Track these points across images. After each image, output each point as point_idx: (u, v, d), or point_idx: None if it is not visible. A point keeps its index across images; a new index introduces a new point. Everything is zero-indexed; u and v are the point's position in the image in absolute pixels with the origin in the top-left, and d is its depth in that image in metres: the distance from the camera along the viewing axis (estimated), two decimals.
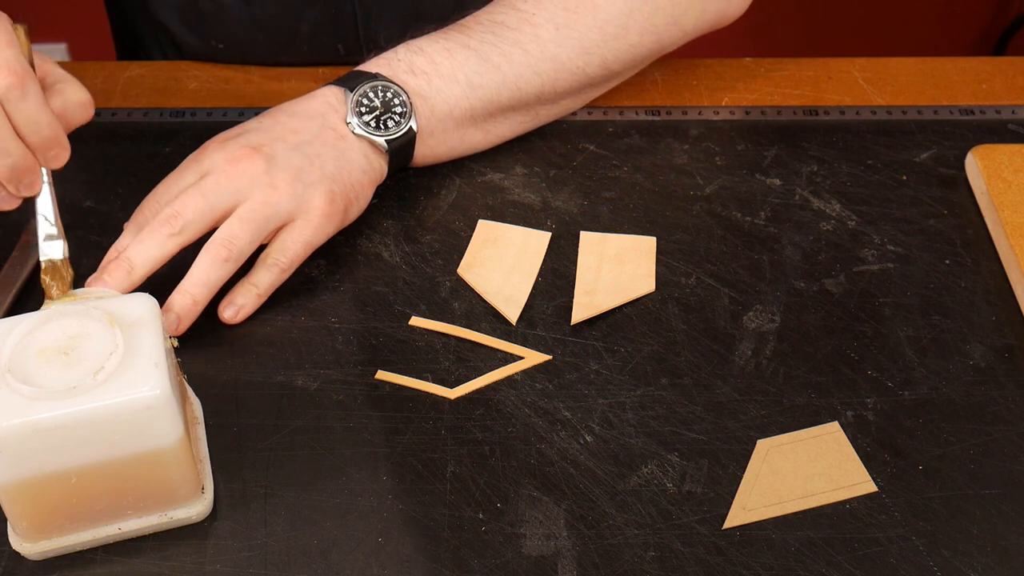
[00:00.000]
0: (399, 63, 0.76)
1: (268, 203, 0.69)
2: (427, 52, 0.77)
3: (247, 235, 0.68)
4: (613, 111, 0.87)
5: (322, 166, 0.71)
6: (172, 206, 0.68)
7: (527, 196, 0.80)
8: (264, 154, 0.70)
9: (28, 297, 0.72)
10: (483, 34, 0.77)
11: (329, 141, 0.72)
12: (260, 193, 0.69)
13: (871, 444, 0.64)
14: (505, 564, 0.59)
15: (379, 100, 0.74)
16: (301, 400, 0.66)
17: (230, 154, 0.69)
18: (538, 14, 0.78)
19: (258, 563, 0.59)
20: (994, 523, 0.61)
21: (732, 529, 0.60)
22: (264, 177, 0.69)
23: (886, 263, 0.75)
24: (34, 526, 0.57)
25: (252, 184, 0.69)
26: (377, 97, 0.74)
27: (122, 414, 0.53)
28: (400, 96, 0.74)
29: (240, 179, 0.68)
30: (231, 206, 0.68)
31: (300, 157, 0.71)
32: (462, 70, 0.76)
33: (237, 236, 0.68)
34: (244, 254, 0.69)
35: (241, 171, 0.69)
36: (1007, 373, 0.68)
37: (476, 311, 0.71)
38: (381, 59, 0.77)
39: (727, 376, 0.68)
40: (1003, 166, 0.79)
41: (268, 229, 0.69)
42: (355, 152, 0.73)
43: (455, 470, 0.63)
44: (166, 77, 0.91)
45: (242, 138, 0.71)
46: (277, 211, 0.69)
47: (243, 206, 0.68)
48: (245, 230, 0.68)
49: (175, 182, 0.70)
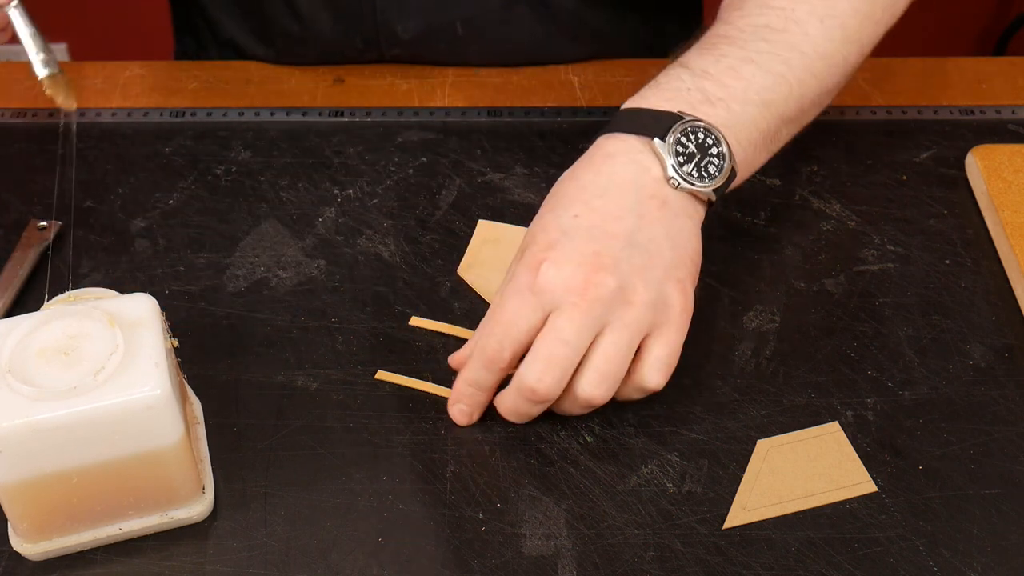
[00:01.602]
0: (690, 93, 0.65)
1: (629, 327, 0.59)
2: (713, 74, 0.66)
3: (617, 369, 0.60)
4: (613, 111, 0.86)
5: (661, 254, 0.61)
6: (531, 373, 0.59)
7: (527, 196, 0.80)
8: (609, 269, 0.59)
9: (28, 297, 0.72)
10: (756, 43, 0.68)
11: (655, 216, 0.62)
12: (619, 321, 0.59)
13: (871, 444, 0.64)
14: (505, 564, 0.59)
15: (693, 144, 0.63)
16: (301, 400, 0.66)
17: (573, 281, 0.59)
18: (797, 8, 0.69)
19: (258, 563, 0.59)
20: (994, 523, 0.61)
21: (732, 529, 0.60)
22: (618, 296, 0.59)
23: (886, 263, 0.75)
24: (34, 526, 0.57)
25: (607, 310, 0.59)
26: (691, 141, 0.63)
27: (122, 414, 0.53)
28: (712, 134, 0.63)
29: (594, 311, 0.59)
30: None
31: (640, 254, 0.60)
32: (752, 88, 0.66)
33: (612, 372, 0.60)
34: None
35: (594, 300, 0.58)
36: (1007, 373, 0.68)
37: (476, 311, 0.71)
38: (663, 90, 0.66)
39: (727, 376, 0.68)
40: (1003, 166, 0.79)
41: (632, 355, 0.61)
42: (681, 218, 0.63)
43: (455, 470, 0.63)
44: (166, 77, 0.91)
45: (569, 246, 0.60)
46: (639, 330, 0.60)
47: (605, 340, 0.59)
48: (611, 367, 0.60)
49: (515, 317, 0.60)
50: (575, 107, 0.87)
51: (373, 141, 0.84)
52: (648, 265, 0.60)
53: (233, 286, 0.73)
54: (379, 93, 0.89)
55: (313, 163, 0.82)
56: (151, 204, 0.79)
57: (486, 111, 0.87)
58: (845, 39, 0.71)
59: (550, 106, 0.87)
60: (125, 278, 0.73)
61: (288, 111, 0.87)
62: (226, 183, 0.80)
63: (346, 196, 0.79)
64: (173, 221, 0.77)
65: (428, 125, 0.86)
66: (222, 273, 0.74)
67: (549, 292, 0.59)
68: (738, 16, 0.70)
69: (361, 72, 0.90)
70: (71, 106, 0.67)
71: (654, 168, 0.63)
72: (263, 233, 0.77)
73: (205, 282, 0.73)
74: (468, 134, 0.85)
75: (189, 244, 0.76)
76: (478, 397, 0.63)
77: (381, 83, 0.89)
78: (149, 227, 0.77)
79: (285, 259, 0.75)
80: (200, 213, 0.78)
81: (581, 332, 0.58)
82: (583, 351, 0.59)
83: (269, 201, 0.79)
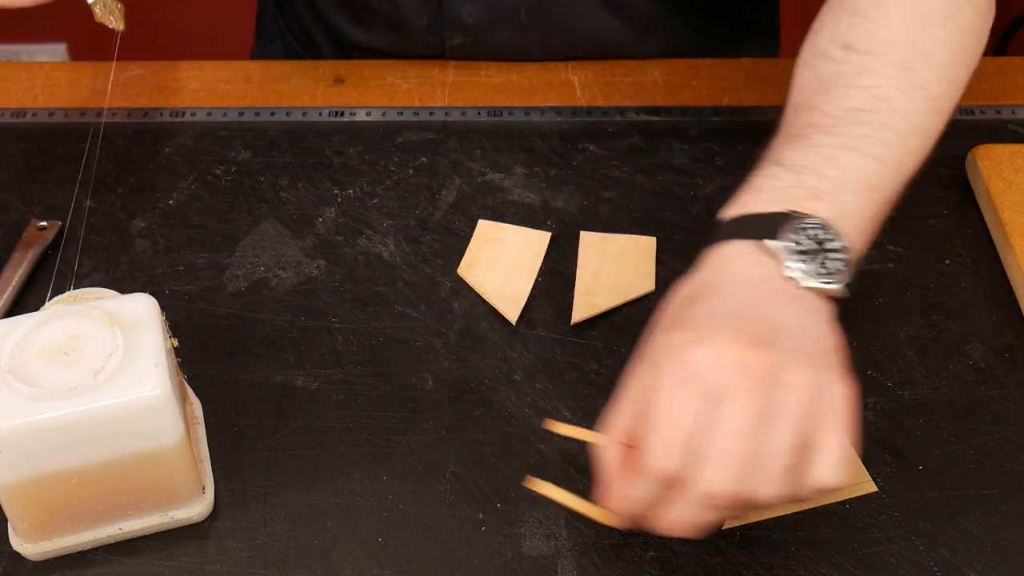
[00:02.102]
0: (792, 190, 0.60)
1: (794, 414, 0.51)
2: (810, 167, 0.61)
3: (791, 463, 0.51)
4: (613, 111, 0.87)
5: (812, 340, 0.55)
6: (708, 482, 0.50)
7: (527, 196, 0.80)
8: (766, 347, 0.52)
9: (28, 297, 0.72)
10: (849, 127, 0.63)
11: (792, 308, 0.56)
12: (783, 409, 0.51)
13: (871, 444, 0.64)
14: (505, 564, 0.59)
15: (810, 241, 0.58)
16: (301, 400, 0.66)
17: (733, 358, 0.52)
18: (883, 86, 0.65)
19: (258, 563, 0.59)
20: (994, 523, 0.61)
21: (732, 529, 0.60)
22: (780, 378, 0.52)
23: (886, 263, 0.75)
24: (35, 526, 0.57)
25: (772, 391, 0.51)
26: (807, 239, 0.58)
27: (123, 414, 0.53)
28: (826, 229, 0.58)
29: (761, 392, 0.51)
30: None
31: (788, 338, 0.54)
32: (855, 177, 0.62)
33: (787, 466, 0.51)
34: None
35: (759, 380, 0.51)
36: (1007, 373, 0.68)
37: (476, 311, 0.71)
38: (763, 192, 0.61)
39: None
40: (1003, 166, 0.79)
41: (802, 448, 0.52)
42: (818, 311, 0.57)
43: (455, 470, 0.63)
44: (166, 77, 0.91)
45: (715, 329, 0.53)
46: (807, 417, 0.52)
47: (779, 430, 0.51)
48: (785, 461, 0.51)
49: (681, 411, 0.51)
50: (575, 107, 0.87)
51: (373, 141, 0.84)
52: (801, 348, 0.53)
53: (233, 286, 0.73)
54: (379, 93, 0.89)
55: (313, 163, 0.82)
56: (151, 204, 0.79)
57: (486, 111, 0.87)
58: (934, 109, 0.66)
59: (550, 106, 0.87)
60: (125, 278, 0.73)
61: (288, 111, 0.87)
62: (226, 183, 0.80)
63: (346, 196, 0.79)
64: (173, 221, 0.77)
65: (428, 125, 0.86)
66: (222, 273, 0.74)
67: (715, 374, 0.51)
68: (823, 101, 0.65)
69: (361, 72, 0.90)
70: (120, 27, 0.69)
71: (774, 267, 0.57)
72: (263, 233, 0.77)
73: (205, 282, 0.73)
74: (468, 134, 0.85)
75: (189, 244, 0.76)
76: (646, 509, 0.53)
77: (381, 83, 0.89)
78: (149, 227, 0.77)
79: (285, 259, 0.75)
80: (200, 213, 0.78)
81: (750, 419, 0.50)
82: (760, 440, 0.51)
83: (269, 201, 0.79)
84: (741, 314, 0.54)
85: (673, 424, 0.51)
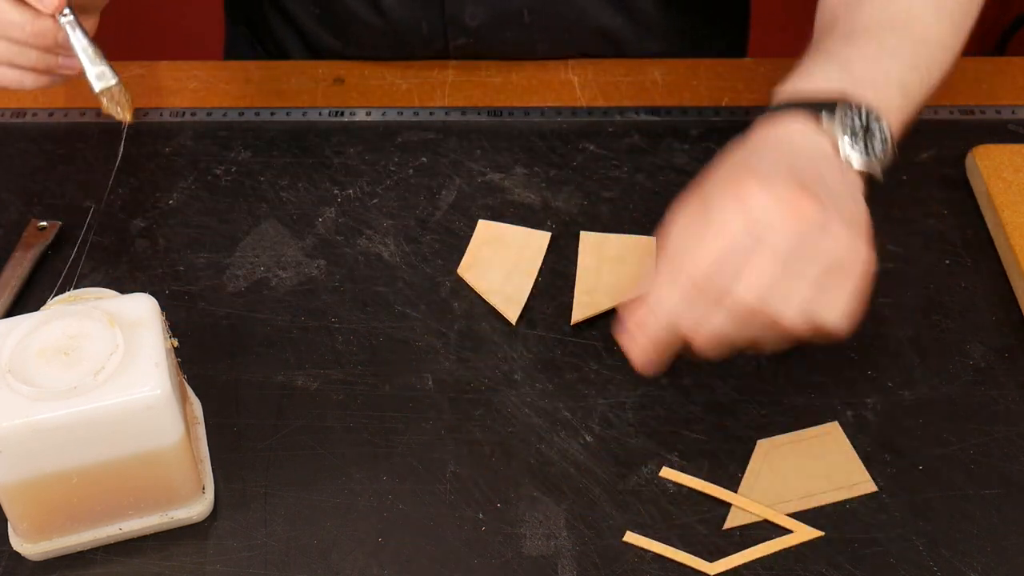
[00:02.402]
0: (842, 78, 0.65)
1: (824, 257, 0.56)
2: (856, 63, 0.66)
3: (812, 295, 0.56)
4: (613, 111, 0.87)
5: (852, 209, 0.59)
6: (739, 291, 0.55)
7: (527, 196, 0.80)
8: (815, 198, 0.56)
9: (28, 297, 0.72)
10: (883, 35, 0.68)
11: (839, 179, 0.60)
12: (814, 249, 0.56)
13: (871, 444, 0.64)
14: (505, 564, 0.59)
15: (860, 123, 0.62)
16: (301, 400, 0.66)
17: (787, 196, 0.56)
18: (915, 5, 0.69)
19: (258, 563, 0.59)
20: (994, 523, 0.61)
21: (732, 529, 0.60)
22: (820, 228, 0.56)
23: (886, 263, 0.75)
24: (35, 526, 0.57)
25: (811, 236, 0.56)
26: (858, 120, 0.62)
27: (122, 414, 0.53)
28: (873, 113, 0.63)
29: (804, 232, 0.56)
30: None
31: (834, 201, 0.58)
32: (893, 77, 0.66)
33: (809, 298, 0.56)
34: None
35: (805, 220, 0.56)
36: (1007, 373, 0.68)
37: (476, 311, 0.71)
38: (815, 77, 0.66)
39: (727, 376, 0.68)
40: (1003, 166, 0.79)
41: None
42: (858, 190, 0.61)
43: (455, 470, 0.63)
44: (166, 77, 0.91)
45: (771, 172, 0.58)
46: (834, 263, 0.57)
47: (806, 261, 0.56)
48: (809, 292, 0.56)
49: (730, 228, 0.56)
50: (575, 107, 0.87)
51: (373, 141, 0.84)
52: (842, 209, 0.57)
53: (233, 286, 0.73)
54: (379, 93, 0.89)
55: (313, 163, 0.82)
56: (151, 204, 0.79)
57: (486, 111, 0.87)
58: (956, 31, 0.71)
59: (550, 106, 0.87)
60: (125, 278, 0.73)
61: (288, 111, 0.87)
62: (226, 183, 0.80)
63: (346, 196, 0.79)
64: (173, 221, 0.77)
65: (428, 125, 0.86)
66: (222, 273, 0.74)
67: (757, 208, 0.56)
68: (859, 13, 0.70)
69: (361, 72, 0.90)
70: (126, 119, 0.67)
71: (826, 141, 0.62)
72: (263, 233, 0.77)
73: (205, 282, 0.73)
74: (468, 134, 0.85)
75: (189, 244, 0.76)
76: (669, 335, 0.57)
77: (381, 83, 0.89)
78: (149, 227, 0.77)
79: (285, 259, 0.75)
80: (200, 213, 0.78)
81: (790, 250, 0.55)
82: (792, 269, 0.55)
83: (269, 201, 0.79)
84: (796, 169, 0.58)
85: (718, 235, 0.56)
